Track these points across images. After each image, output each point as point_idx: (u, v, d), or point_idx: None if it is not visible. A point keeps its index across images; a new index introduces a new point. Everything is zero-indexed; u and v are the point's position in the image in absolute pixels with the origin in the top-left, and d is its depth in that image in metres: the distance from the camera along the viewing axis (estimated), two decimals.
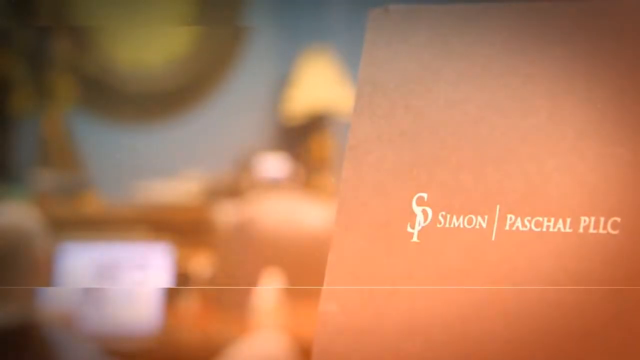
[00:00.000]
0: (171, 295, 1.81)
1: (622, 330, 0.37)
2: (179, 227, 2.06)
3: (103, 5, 2.50)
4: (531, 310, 0.38)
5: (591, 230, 0.38)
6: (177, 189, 2.32)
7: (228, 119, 2.54)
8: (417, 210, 0.41)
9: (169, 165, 2.42)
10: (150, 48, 2.53)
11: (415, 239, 0.41)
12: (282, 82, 2.55)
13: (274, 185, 2.04)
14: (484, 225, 0.40)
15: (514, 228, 0.39)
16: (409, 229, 0.41)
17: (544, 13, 0.40)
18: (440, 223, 0.41)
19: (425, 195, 0.41)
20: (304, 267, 1.49)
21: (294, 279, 1.61)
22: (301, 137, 2.52)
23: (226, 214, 1.93)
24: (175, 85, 2.54)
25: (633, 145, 0.38)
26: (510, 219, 0.39)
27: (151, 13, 2.56)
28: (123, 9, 2.49)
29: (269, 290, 1.63)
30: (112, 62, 2.50)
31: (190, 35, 2.57)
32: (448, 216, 0.41)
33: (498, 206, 0.40)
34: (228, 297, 1.80)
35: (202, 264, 1.91)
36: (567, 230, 0.38)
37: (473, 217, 0.40)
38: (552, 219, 0.39)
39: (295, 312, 1.61)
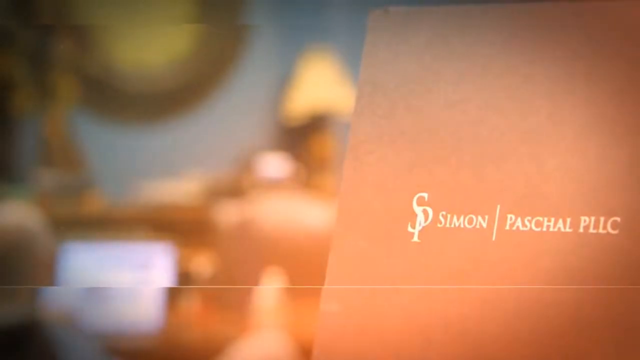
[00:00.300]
0: (172, 295, 1.81)
1: (622, 330, 0.37)
2: (181, 227, 2.06)
3: (104, 5, 2.50)
4: (531, 309, 0.38)
5: (591, 230, 0.38)
6: (178, 188, 2.32)
7: (229, 119, 2.54)
8: (418, 210, 0.41)
9: (170, 165, 2.43)
10: (151, 48, 2.54)
11: (415, 238, 0.41)
12: (283, 82, 2.55)
13: (274, 185, 2.04)
14: (485, 225, 0.40)
15: (514, 228, 0.39)
16: (410, 229, 0.41)
17: (544, 13, 0.41)
18: (440, 223, 0.41)
19: (425, 195, 0.41)
20: (305, 267, 1.49)
21: (294, 279, 1.61)
22: (302, 137, 2.52)
23: (227, 213, 1.93)
24: (176, 86, 2.55)
25: (633, 145, 0.38)
26: (511, 218, 0.40)
27: (153, 13, 2.56)
28: (124, 9, 2.49)
29: (269, 289, 1.63)
30: (114, 62, 2.50)
31: (191, 36, 2.57)
32: (449, 216, 0.41)
33: (498, 206, 0.40)
34: (229, 296, 1.81)
35: (203, 263, 1.91)
36: (567, 230, 0.39)
37: (473, 217, 0.40)
38: (552, 219, 0.39)
39: (296, 312, 1.61)
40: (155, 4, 2.52)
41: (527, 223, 0.39)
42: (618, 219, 0.38)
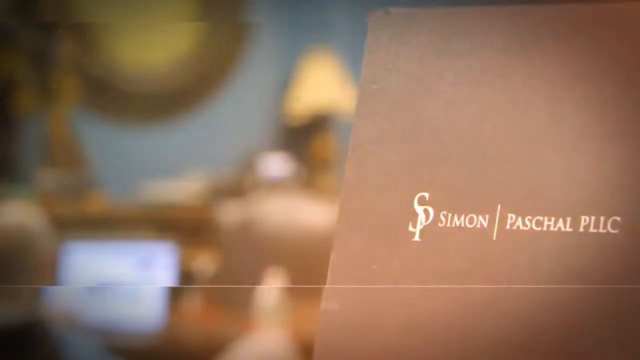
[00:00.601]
0: (175, 294, 1.81)
1: (622, 330, 0.37)
2: (183, 227, 2.06)
3: (106, 3, 2.50)
4: (531, 309, 0.38)
5: (591, 230, 0.38)
6: (180, 188, 2.32)
7: (231, 119, 2.54)
8: (419, 209, 0.41)
9: (172, 165, 2.43)
10: (153, 48, 2.54)
11: (416, 238, 0.41)
12: (284, 82, 2.55)
13: (276, 185, 2.04)
14: (485, 224, 0.40)
15: (514, 227, 0.40)
16: (411, 229, 0.41)
17: (544, 15, 0.41)
18: (441, 222, 0.41)
19: (426, 194, 0.41)
20: (307, 266, 1.50)
21: (296, 278, 1.62)
22: (303, 138, 2.52)
23: (229, 213, 1.93)
24: (178, 86, 2.55)
25: (633, 145, 0.38)
26: (511, 218, 0.40)
27: (154, 11, 2.56)
28: (126, 8, 2.49)
29: (271, 289, 1.63)
30: (116, 61, 2.50)
31: (193, 36, 2.57)
32: (449, 215, 0.41)
33: (499, 206, 0.40)
34: (231, 296, 1.81)
35: (205, 263, 1.92)
36: (568, 229, 0.39)
37: (474, 216, 0.40)
38: (553, 218, 0.39)
39: (297, 311, 1.61)
40: (156, 2, 2.52)
41: (527, 222, 0.39)
42: (618, 218, 0.38)
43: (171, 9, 2.59)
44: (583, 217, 0.39)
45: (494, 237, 0.40)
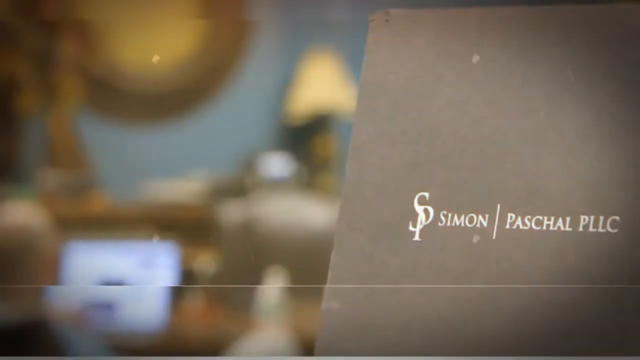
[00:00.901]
0: (176, 294, 1.82)
1: (622, 330, 0.37)
2: (184, 226, 2.06)
3: (108, 3, 2.50)
4: (530, 308, 0.38)
5: (591, 229, 0.38)
6: (182, 188, 2.32)
7: (232, 119, 2.54)
8: (419, 209, 0.42)
9: (174, 165, 2.43)
10: (154, 48, 2.54)
11: (417, 237, 0.41)
12: (285, 82, 2.56)
13: (277, 184, 2.04)
14: (485, 224, 0.40)
15: (514, 227, 0.40)
16: (411, 228, 0.41)
17: (544, 15, 0.41)
18: (441, 222, 0.41)
19: (427, 194, 0.41)
20: (307, 266, 1.50)
21: (297, 278, 1.62)
22: (304, 137, 2.53)
23: (230, 213, 1.94)
24: (179, 86, 2.55)
25: (633, 145, 0.39)
26: (511, 217, 0.40)
27: (155, 12, 2.56)
28: (128, 8, 2.50)
29: (272, 288, 1.63)
30: (118, 62, 2.50)
31: (194, 36, 2.57)
32: (449, 215, 0.41)
33: (499, 205, 0.40)
34: (232, 295, 1.81)
35: (206, 262, 1.92)
36: (567, 228, 0.39)
37: (474, 215, 0.40)
38: (552, 218, 0.39)
39: (298, 311, 1.61)
40: (157, 2, 2.52)
41: (527, 222, 0.40)
42: (617, 218, 0.38)
43: (172, 9, 2.60)
44: (582, 217, 0.39)
45: (494, 237, 0.40)
